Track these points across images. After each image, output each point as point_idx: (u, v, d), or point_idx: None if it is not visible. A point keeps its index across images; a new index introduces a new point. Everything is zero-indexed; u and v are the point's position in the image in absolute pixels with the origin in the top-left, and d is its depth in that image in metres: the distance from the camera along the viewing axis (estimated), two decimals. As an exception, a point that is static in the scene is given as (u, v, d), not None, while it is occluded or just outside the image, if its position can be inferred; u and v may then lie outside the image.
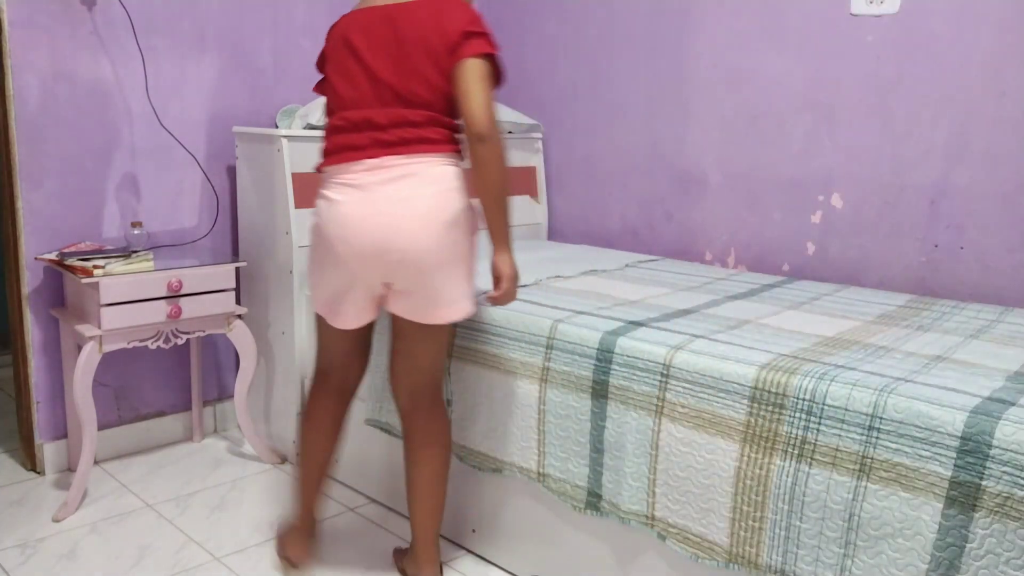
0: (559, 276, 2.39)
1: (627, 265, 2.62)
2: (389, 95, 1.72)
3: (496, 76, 1.75)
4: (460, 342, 2.00)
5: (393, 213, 1.68)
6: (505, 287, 1.77)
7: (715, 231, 2.79)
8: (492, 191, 1.70)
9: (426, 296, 1.74)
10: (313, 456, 1.93)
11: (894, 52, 2.34)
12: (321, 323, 1.88)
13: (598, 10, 3.02)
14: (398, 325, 1.84)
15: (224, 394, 2.89)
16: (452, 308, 1.76)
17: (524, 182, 3.16)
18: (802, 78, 2.53)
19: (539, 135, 3.20)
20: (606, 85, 3.04)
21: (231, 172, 2.78)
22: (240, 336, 2.48)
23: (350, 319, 1.81)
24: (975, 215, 2.25)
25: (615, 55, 2.99)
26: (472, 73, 1.68)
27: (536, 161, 3.20)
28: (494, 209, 1.72)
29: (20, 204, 2.34)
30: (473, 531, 2.09)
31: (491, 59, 1.72)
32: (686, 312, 1.96)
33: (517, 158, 3.11)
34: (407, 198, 1.69)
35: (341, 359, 1.92)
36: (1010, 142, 2.18)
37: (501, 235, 1.74)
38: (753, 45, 2.63)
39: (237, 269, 2.54)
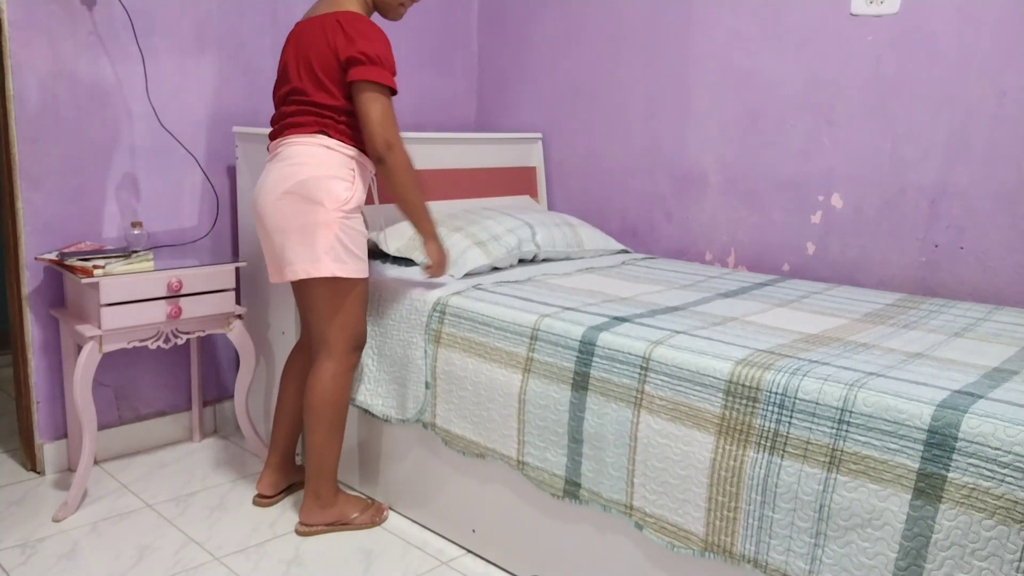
0: (554, 273, 2.39)
1: (623, 263, 2.62)
2: None
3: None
4: (448, 329, 2.03)
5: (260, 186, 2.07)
6: (435, 271, 2.13)
7: (715, 231, 2.79)
8: (401, 197, 2.05)
9: (273, 255, 2.06)
10: (289, 403, 2.29)
11: (894, 52, 2.34)
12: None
13: (598, 10, 3.02)
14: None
15: (224, 394, 2.89)
16: (294, 268, 2.01)
17: (524, 182, 3.16)
18: (802, 78, 2.53)
19: (539, 135, 3.20)
20: (606, 85, 3.03)
21: (231, 172, 2.77)
22: (240, 336, 2.48)
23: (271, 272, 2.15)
24: (975, 215, 2.25)
25: (615, 55, 2.99)
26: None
27: (536, 161, 3.20)
28: (407, 211, 2.07)
29: (20, 204, 2.34)
30: (473, 531, 2.09)
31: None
32: (674, 309, 1.97)
33: (517, 158, 3.11)
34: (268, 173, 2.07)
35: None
36: (1010, 142, 2.17)
37: (422, 229, 2.09)
38: (753, 45, 2.63)
39: (237, 269, 2.54)
